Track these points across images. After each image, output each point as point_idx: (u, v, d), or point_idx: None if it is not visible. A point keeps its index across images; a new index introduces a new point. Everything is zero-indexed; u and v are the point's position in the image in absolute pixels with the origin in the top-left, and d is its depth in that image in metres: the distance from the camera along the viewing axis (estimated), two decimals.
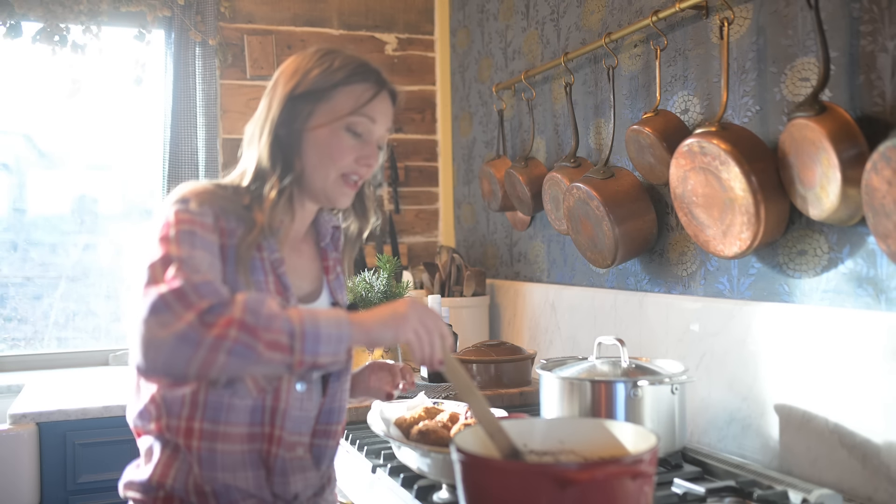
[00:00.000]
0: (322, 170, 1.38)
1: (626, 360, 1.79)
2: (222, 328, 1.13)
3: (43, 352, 3.07)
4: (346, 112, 1.37)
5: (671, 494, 1.52)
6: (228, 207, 1.33)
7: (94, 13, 2.89)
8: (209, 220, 1.29)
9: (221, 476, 1.32)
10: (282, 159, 1.38)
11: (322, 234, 1.52)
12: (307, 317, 1.18)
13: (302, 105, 1.37)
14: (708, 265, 1.94)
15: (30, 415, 2.30)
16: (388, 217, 3.39)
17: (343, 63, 1.39)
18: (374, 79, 1.40)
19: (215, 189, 1.36)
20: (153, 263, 1.21)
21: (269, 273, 1.35)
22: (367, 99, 1.38)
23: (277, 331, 1.15)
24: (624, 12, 2.21)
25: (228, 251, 1.30)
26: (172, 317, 1.13)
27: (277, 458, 1.35)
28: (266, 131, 1.38)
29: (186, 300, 1.14)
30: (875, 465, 1.49)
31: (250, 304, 1.17)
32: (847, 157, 1.44)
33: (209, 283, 1.18)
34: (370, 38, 3.43)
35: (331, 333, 1.19)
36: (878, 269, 1.51)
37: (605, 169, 2.13)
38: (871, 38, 1.48)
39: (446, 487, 1.56)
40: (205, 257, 1.24)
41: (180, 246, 1.23)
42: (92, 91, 3.07)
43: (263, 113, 1.40)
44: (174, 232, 1.25)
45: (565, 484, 1.07)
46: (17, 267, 3.11)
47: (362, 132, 1.39)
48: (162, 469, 1.33)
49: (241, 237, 1.32)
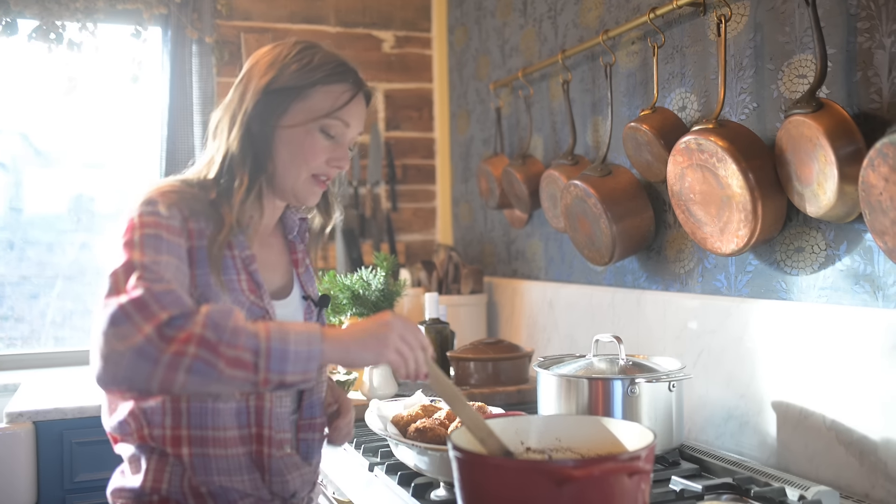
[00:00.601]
0: (293, 169, 1.36)
1: (623, 358, 1.79)
2: (181, 344, 1.08)
3: (40, 351, 3.06)
4: (322, 113, 1.34)
5: (668, 492, 1.52)
6: (197, 208, 1.29)
7: (90, 10, 2.88)
8: (176, 223, 1.24)
9: (217, 479, 1.30)
10: (252, 155, 1.34)
11: (289, 226, 1.49)
12: (275, 333, 1.13)
13: (277, 100, 1.33)
14: (705, 262, 1.94)
15: (26, 413, 2.30)
16: (385, 215, 3.38)
17: (322, 61, 1.36)
18: (351, 80, 1.38)
19: (182, 188, 1.31)
20: (115, 271, 1.16)
21: (241, 271, 1.32)
22: (345, 102, 1.36)
23: (240, 347, 1.10)
24: (621, 9, 2.21)
25: (198, 253, 1.26)
26: (131, 328, 1.08)
27: (271, 458, 1.34)
28: (238, 123, 1.33)
29: (147, 311, 1.09)
30: (872, 462, 1.49)
31: (213, 317, 1.11)
32: (844, 154, 1.44)
33: (171, 293, 1.13)
34: (367, 36, 3.42)
35: (299, 351, 1.13)
36: (875, 265, 1.51)
37: (602, 166, 2.13)
38: (868, 35, 1.48)
39: (444, 485, 1.56)
40: (170, 263, 1.19)
41: (144, 251, 1.18)
42: (88, 89, 3.06)
43: (235, 103, 1.35)
44: (139, 236, 1.20)
45: (562, 481, 1.07)
46: (14, 266, 3.10)
47: (336, 134, 1.37)
48: (154, 475, 1.30)
49: (211, 237, 1.28)
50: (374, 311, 2.65)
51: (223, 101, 1.39)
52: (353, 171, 3.31)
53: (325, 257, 3.29)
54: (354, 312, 2.66)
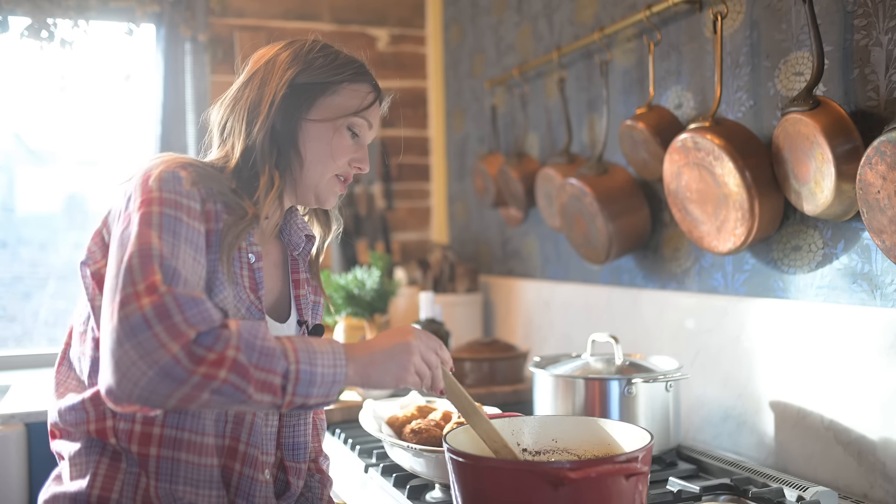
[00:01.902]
0: (319, 166, 1.31)
1: (620, 358, 1.78)
2: (212, 367, 1.02)
3: (32, 351, 3.04)
4: (351, 111, 1.32)
5: (666, 493, 1.51)
6: (216, 189, 1.21)
7: (82, 8, 2.86)
8: (196, 206, 1.16)
9: (182, 491, 1.18)
10: (278, 149, 1.28)
11: (294, 242, 1.41)
12: (303, 354, 1.09)
13: (304, 94, 1.29)
14: (702, 261, 1.93)
15: (18, 415, 2.28)
16: (380, 214, 3.37)
17: (347, 59, 1.35)
18: (372, 82, 1.37)
19: (204, 165, 1.24)
20: (131, 254, 1.06)
21: (244, 265, 1.25)
22: (371, 101, 1.34)
23: (271, 370, 1.06)
24: (617, 7, 2.19)
25: (214, 236, 1.18)
26: (155, 343, 1.00)
27: (243, 478, 1.24)
28: (263, 116, 1.27)
29: (170, 322, 1.01)
30: (871, 462, 1.49)
31: (245, 336, 1.06)
32: (841, 151, 1.43)
33: (196, 302, 1.05)
34: (361, 34, 3.41)
35: (326, 374, 1.10)
36: (872, 264, 1.50)
37: (598, 165, 2.12)
38: (865, 33, 1.47)
39: (439, 487, 1.55)
40: (188, 254, 1.11)
41: (163, 236, 1.09)
42: (81, 87, 3.04)
43: (252, 97, 1.29)
44: (157, 213, 1.11)
45: (559, 483, 1.06)
46: (6, 265, 3.08)
47: (360, 134, 1.35)
48: (103, 480, 1.15)
49: (228, 225, 1.20)
50: (369, 311, 2.64)
51: (226, 98, 1.33)
52: None
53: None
54: (349, 312, 2.64)
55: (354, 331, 2.66)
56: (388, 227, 3.38)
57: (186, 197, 1.15)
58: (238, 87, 1.33)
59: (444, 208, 3.46)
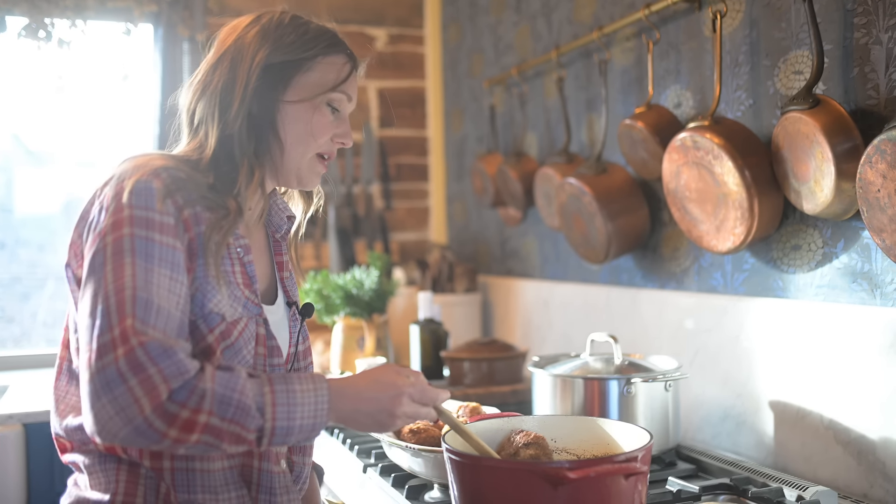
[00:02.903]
0: (301, 147, 1.26)
1: (619, 357, 1.78)
2: (183, 431, 1.02)
3: (30, 352, 3.03)
4: (328, 86, 1.26)
5: (665, 492, 1.51)
6: (194, 193, 1.16)
7: (80, 8, 2.86)
8: (170, 220, 1.12)
9: (202, 498, 1.18)
10: (256, 136, 1.23)
11: (276, 224, 1.38)
12: (281, 409, 1.07)
13: (278, 74, 1.23)
14: (701, 261, 1.92)
15: (16, 416, 2.27)
16: (379, 214, 3.36)
17: (319, 31, 1.29)
18: (346, 51, 1.31)
19: (178, 166, 1.18)
20: (106, 296, 1.05)
21: (235, 262, 1.21)
22: (347, 73, 1.29)
23: (245, 428, 1.06)
24: (616, 6, 2.19)
25: (197, 242, 1.15)
26: (129, 399, 1.00)
27: (262, 473, 1.23)
28: (237, 103, 1.21)
29: (145, 376, 1.00)
30: (870, 462, 1.48)
31: (219, 392, 1.04)
32: (841, 150, 1.43)
33: (169, 354, 1.03)
34: (360, 33, 3.40)
35: (304, 425, 1.09)
36: (872, 263, 1.50)
37: (597, 164, 2.11)
38: (865, 31, 1.47)
39: (438, 487, 1.54)
40: (163, 275, 1.08)
41: (136, 262, 1.06)
42: (79, 87, 3.04)
43: (223, 81, 1.23)
44: (129, 237, 1.08)
45: (558, 483, 1.06)
46: (5, 266, 3.08)
47: (340, 108, 1.30)
48: (125, 487, 1.16)
49: (211, 226, 1.16)
50: (368, 311, 2.63)
51: (194, 82, 1.26)
52: (346, 170, 3.29)
53: (318, 256, 3.27)
54: (348, 312, 2.64)
55: (352, 331, 2.65)
56: (386, 227, 3.37)
57: (159, 213, 1.11)
58: (207, 70, 1.26)
59: (443, 208, 3.46)
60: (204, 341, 1.15)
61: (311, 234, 3.23)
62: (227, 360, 1.17)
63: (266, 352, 1.25)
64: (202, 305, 1.15)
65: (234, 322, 1.18)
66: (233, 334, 1.18)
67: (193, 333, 1.15)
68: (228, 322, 1.17)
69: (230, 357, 1.18)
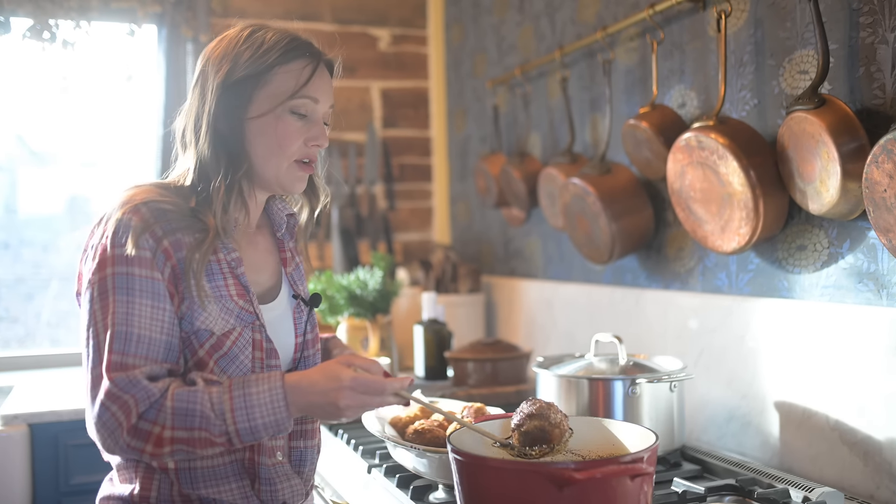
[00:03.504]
0: (273, 159, 1.30)
1: (623, 358, 1.77)
2: (156, 447, 1.17)
3: (35, 352, 3.04)
4: (287, 95, 1.29)
5: (671, 493, 1.50)
6: (174, 221, 1.25)
7: (84, 9, 2.86)
8: (147, 254, 1.22)
9: (205, 491, 1.28)
10: (226, 154, 1.28)
11: (277, 223, 1.44)
12: (240, 412, 1.18)
13: (238, 92, 1.28)
14: (706, 261, 1.92)
15: (21, 416, 2.28)
16: (382, 214, 3.36)
17: (274, 40, 1.30)
18: (308, 53, 1.32)
19: (160, 197, 1.27)
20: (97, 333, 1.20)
21: (227, 276, 1.29)
22: (307, 77, 1.30)
23: (212, 434, 1.17)
24: (620, 6, 2.19)
25: (180, 267, 1.24)
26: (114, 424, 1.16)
27: (260, 466, 1.31)
28: (204, 126, 1.28)
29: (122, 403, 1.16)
30: (877, 463, 1.48)
31: (179, 407, 1.17)
32: (847, 150, 1.42)
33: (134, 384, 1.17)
34: (363, 34, 3.40)
35: (267, 423, 1.19)
36: (879, 263, 1.49)
37: (601, 164, 2.11)
38: (870, 30, 1.46)
39: (443, 487, 1.54)
40: (144, 305, 1.21)
41: (117, 298, 1.19)
42: (83, 88, 3.04)
43: (196, 106, 1.30)
44: (110, 276, 1.20)
45: (563, 484, 1.06)
46: (9, 266, 3.08)
47: (307, 112, 1.31)
48: (142, 482, 1.29)
49: (191, 249, 1.24)
50: (372, 312, 2.63)
51: (184, 107, 1.34)
52: (349, 170, 3.29)
53: (322, 257, 3.27)
54: (352, 312, 2.64)
55: (357, 331, 2.65)
56: (389, 228, 3.37)
57: (136, 247, 1.21)
58: (190, 93, 1.33)
59: (446, 208, 3.46)
60: (196, 355, 1.26)
61: (314, 234, 3.23)
62: (223, 367, 1.27)
63: (263, 355, 1.32)
64: (191, 323, 1.25)
65: (226, 334, 1.27)
66: (225, 345, 1.27)
67: (188, 348, 1.26)
68: (219, 335, 1.27)
69: (226, 365, 1.27)
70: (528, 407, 1.26)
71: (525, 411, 1.25)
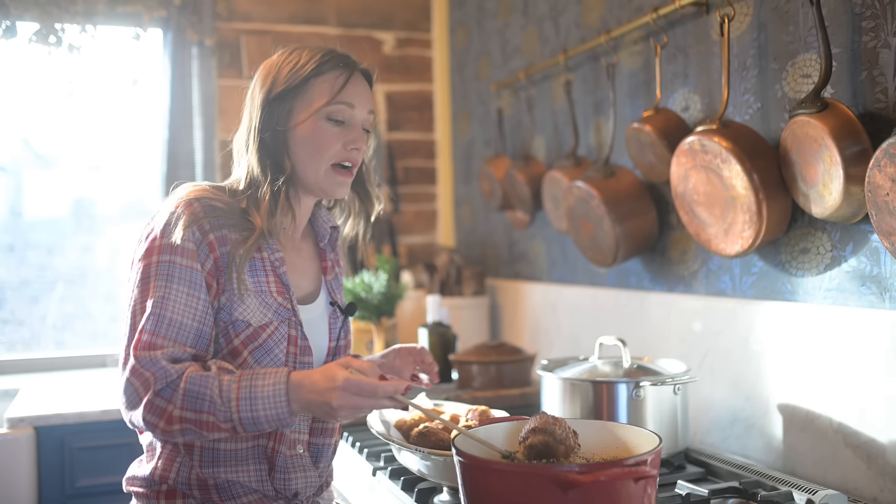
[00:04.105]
0: (312, 164, 1.40)
1: (627, 361, 1.78)
2: (167, 424, 1.25)
3: (40, 355, 3.05)
4: (323, 102, 1.39)
5: (674, 496, 1.51)
6: (222, 217, 1.35)
7: (89, 13, 2.87)
8: (191, 245, 1.31)
9: (224, 472, 1.36)
10: (271, 163, 1.39)
11: (320, 234, 1.54)
12: (244, 402, 1.24)
13: (280, 105, 1.39)
14: (710, 264, 1.92)
15: (27, 419, 2.29)
16: (387, 217, 3.37)
17: (310, 55, 1.41)
18: (343, 63, 1.42)
19: (212, 194, 1.38)
20: (134, 307, 1.30)
21: (269, 273, 1.39)
22: (341, 85, 1.40)
23: (218, 419, 1.25)
24: (623, 9, 2.19)
25: (222, 260, 1.34)
26: (136, 397, 1.26)
27: (279, 455, 1.39)
28: (252, 139, 1.40)
29: (143, 379, 1.25)
30: (880, 465, 1.48)
31: (191, 389, 1.25)
32: (850, 154, 1.43)
33: (154, 363, 1.25)
34: (367, 37, 3.41)
35: (269, 416, 1.25)
36: (881, 267, 1.50)
37: (605, 167, 2.12)
38: (873, 34, 1.47)
39: (447, 490, 1.55)
40: (181, 292, 1.30)
41: (157, 283, 1.29)
42: (89, 92, 3.05)
43: (247, 122, 1.42)
44: (154, 264, 1.31)
45: (567, 486, 1.06)
46: (14, 269, 3.09)
47: (344, 119, 1.41)
48: (164, 464, 1.38)
49: (236, 245, 1.34)
50: (377, 315, 2.64)
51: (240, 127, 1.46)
52: None
53: None
54: (357, 315, 2.65)
55: (361, 334, 2.66)
56: (394, 231, 3.38)
57: (182, 238, 1.31)
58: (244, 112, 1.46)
59: (451, 211, 3.46)
60: (231, 344, 1.35)
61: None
62: (258, 359, 1.35)
63: (297, 350, 1.40)
64: (230, 313, 1.34)
65: (263, 326, 1.36)
66: (261, 337, 1.35)
67: (224, 337, 1.35)
68: (256, 327, 1.35)
69: (261, 356, 1.35)
70: (534, 421, 1.24)
71: (531, 425, 1.24)
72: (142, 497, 1.40)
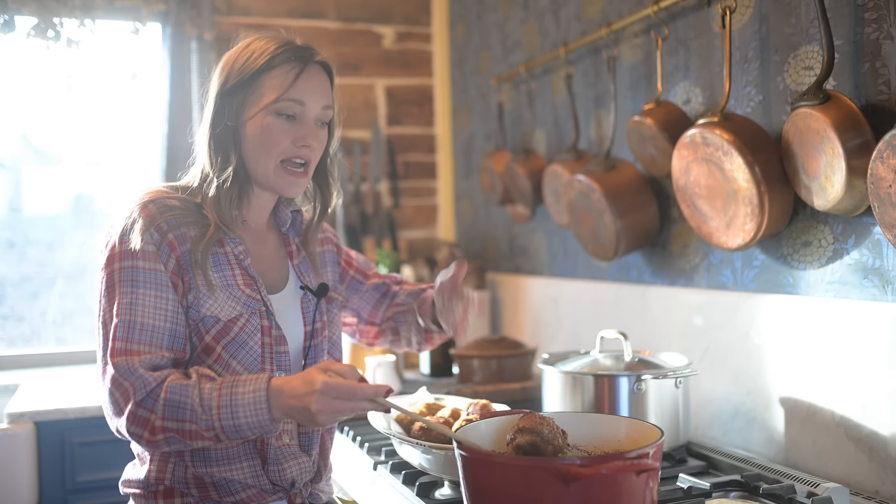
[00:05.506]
0: (261, 160, 1.38)
1: (629, 354, 1.78)
2: (151, 434, 1.25)
3: (40, 351, 3.05)
4: (272, 98, 1.36)
5: (676, 489, 1.51)
6: (179, 216, 1.35)
7: (88, 7, 2.87)
8: (151, 248, 1.31)
9: (218, 471, 1.36)
10: (221, 158, 1.38)
11: (282, 220, 1.53)
12: (225, 410, 1.23)
13: (231, 100, 1.37)
14: (711, 257, 1.92)
15: (27, 414, 2.28)
16: (387, 212, 3.37)
17: (264, 48, 1.38)
18: (294, 57, 1.38)
19: (167, 194, 1.37)
20: (104, 322, 1.30)
21: (234, 266, 1.38)
22: (291, 81, 1.36)
23: (200, 427, 1.24)
24: (624, 2, 2.19)
25: (185, 258, 1.33)
26: (117, 407, 1.26)
27: (269, 447, 1.39)
28: (204, 132, 1.40)
29: (122, 389, 1.25)
30: (882, 458, 1.48)
31: (171, 399, 1.24)
32: (852, 146, 1.42)
33: (132, 372, 1.25)
34: (367, 31, 3.41)
35: (251, 423, 1.24)
36: (884, 259, 1.49)
37: (606, 161, 2.11)
38: (875, 26, 1.46)
39: (448, 484, 1.54)
40: (147, 294, 1.29)
41: (122, 290, 1.29)
42: (87, 87, 3.05)
43: (203, 115, 1.42)
44: (117, 271, 1.30)
45: (569, 479, 1.06)
46: (14, 265, 3.09)
47: (294, 114, 1.38)
48: (158, 466, 1.38)
49: (195, 241, 1.34)
50: None
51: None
52: (354, 168, 3.29)
53: None
54: None
55: None
56: (394, 225, 3.37)
57: (141, 242, 1.30)
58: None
59: (451, 206, 3.46)
60: (203, 341, 1.34)
61: None
62: (232, 353, 1.34)
63: (272, 341, 1.40)
64: (198, 311, 1.33)
65: (233, 320, 1.35)
66: (232, 330, 1.35)
67: (196, 335, 1.34)
68: (225, 321, 1.34)
69: (235, 350, 1.35)
70: (521, 420, 1.23)
71: (518, 425, 1.23)
72: (139, 498, 1.39)
